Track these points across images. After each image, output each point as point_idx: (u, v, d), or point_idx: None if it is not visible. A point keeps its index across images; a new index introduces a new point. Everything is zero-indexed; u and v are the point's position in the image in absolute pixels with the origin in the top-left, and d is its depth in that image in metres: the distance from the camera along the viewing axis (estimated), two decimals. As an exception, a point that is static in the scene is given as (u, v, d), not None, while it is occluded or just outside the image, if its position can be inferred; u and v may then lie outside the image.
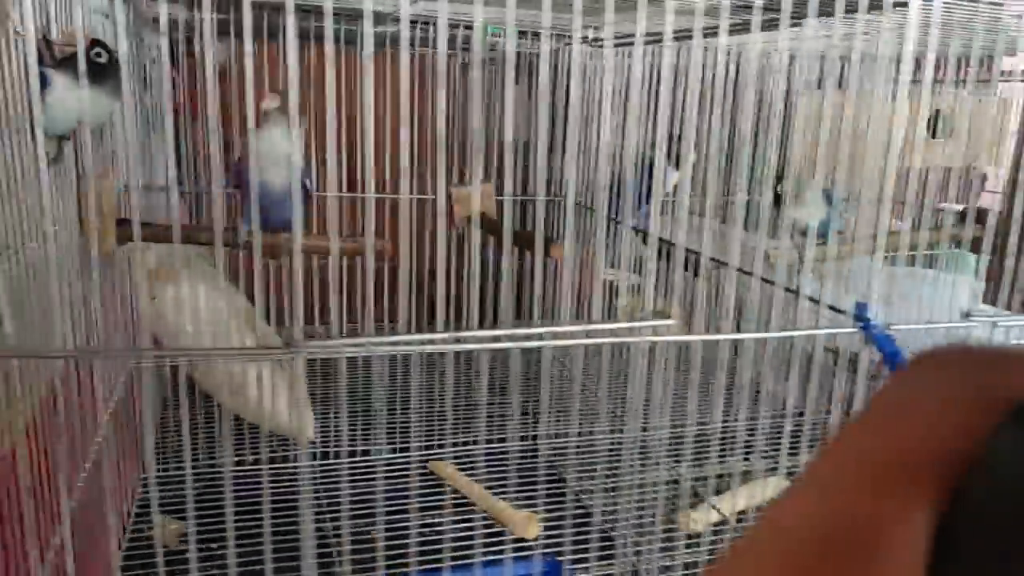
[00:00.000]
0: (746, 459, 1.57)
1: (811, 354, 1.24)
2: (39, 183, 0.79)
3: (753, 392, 1.50)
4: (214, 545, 1.33)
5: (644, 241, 1.40)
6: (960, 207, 1.62)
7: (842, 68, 1.74)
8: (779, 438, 1.47)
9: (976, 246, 1.43)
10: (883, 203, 0.85)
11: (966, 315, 0.88)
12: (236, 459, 1.55)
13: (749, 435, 1.59)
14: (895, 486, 0.16)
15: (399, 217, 1.60)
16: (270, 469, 1.53)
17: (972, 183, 1.90)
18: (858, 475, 0.16)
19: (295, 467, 1.54)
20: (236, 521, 1.24)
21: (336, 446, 1.62)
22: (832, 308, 0.74)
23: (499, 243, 1.56)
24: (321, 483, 1.51)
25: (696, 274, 1.14)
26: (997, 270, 1.30)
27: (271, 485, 1.45)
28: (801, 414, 1.54)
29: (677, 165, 1.47)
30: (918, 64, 1.46)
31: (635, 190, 1.47)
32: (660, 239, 1.36)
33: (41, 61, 0.89)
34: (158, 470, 1.51)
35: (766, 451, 1.48)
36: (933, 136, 2.00)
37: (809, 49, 1.63)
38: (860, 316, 0.74)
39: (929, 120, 1.95)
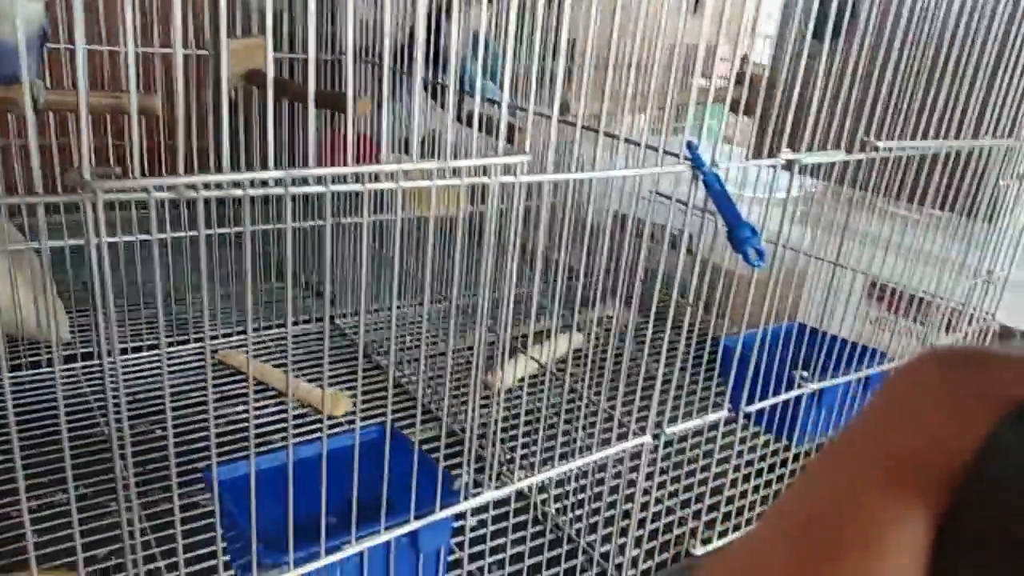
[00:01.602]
0: (540, 321, 1.62)
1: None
2: None
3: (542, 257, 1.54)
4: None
5: (441, 104, 1.33)
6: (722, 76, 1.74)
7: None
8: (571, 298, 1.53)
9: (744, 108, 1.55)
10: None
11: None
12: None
13: (543, 297, 1.65)
14: (895, 486, 0.16)
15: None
16: (22, 377, 1.30)
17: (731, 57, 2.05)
18: (859, 475, 0.16)
19: (50, 372, 1.32)
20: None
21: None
22: (667, 152, 0.74)
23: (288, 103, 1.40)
24: (94, 385, 1.31)
25: (510, 140, 1.11)
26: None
27: (28, 395, 1.24)
28: (587, 275, 1.62)
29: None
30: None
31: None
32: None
33: None
34: None
35: (561, 311, 1.53)
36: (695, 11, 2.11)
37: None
38: (692, 154, 0.75)
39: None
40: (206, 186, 0.51)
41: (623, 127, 0.87)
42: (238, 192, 0.52)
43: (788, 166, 0.86)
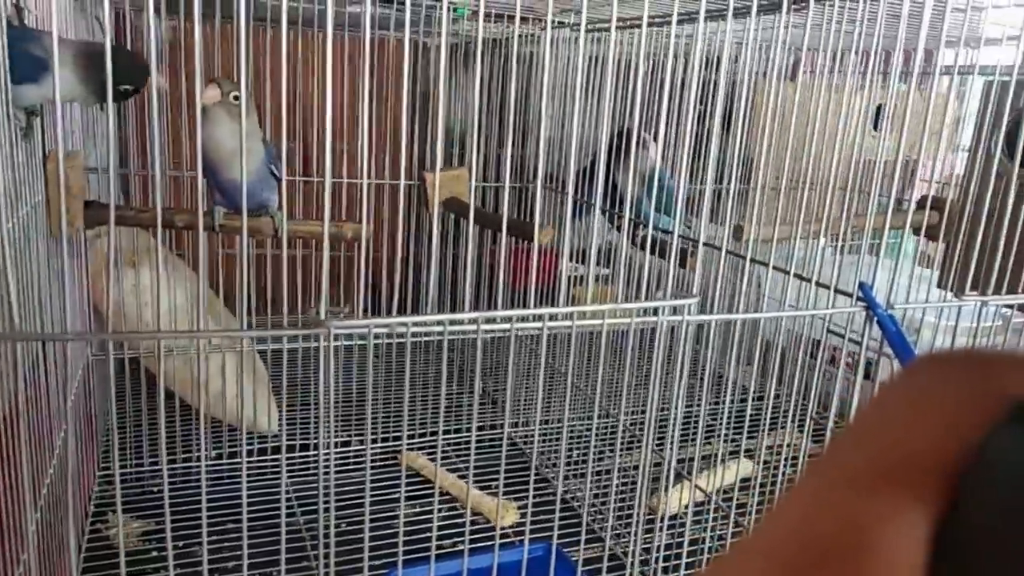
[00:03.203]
0: (709, 443, 1.60)
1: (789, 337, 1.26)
2: (11, 156, 0.74)
3: (715, 378, 1.54)
4: (179, 544, 1.28)
5: (616, 228, 1.40)
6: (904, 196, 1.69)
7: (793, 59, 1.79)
8: (740, 422, 1.52)
9: (932, 233, 1.49)
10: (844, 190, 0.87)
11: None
12: (192, 456, 1.49)
13: (712, 419, 1.63)
14: (892, 487, 0.16)
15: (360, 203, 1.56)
16: (229, 465, 1.48)
17: (909, 174, 1.98)
18: (855, 476, 0.16)
19: (258, 461, 1.49)
20: (194, 518, 1.20)
21: (303, 438, 1.57)
22: (839, 291, 0.76)
23: (478, 230, 1.55)
24: (286, 477, 1.46)
25: (683, 264, 1.16)
26: (950, 256, 1.36)
27: (227, 482, 1.41)
28: (761, 398, 1.58)
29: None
30: (865, 57, 1.50)
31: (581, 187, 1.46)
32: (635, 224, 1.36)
33: (10, 25, 0.83)
34: (112, 467, 1.44)
35: (729, 434, 1.51)
36: (875, 128, 2.09)
37: (763, 39, 1.66)
38: (866, 296, 0.76)
39: (874, 113, 2.02)
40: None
41: (796, 253, 0.89)
42: (438, 328, 0.61)
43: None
